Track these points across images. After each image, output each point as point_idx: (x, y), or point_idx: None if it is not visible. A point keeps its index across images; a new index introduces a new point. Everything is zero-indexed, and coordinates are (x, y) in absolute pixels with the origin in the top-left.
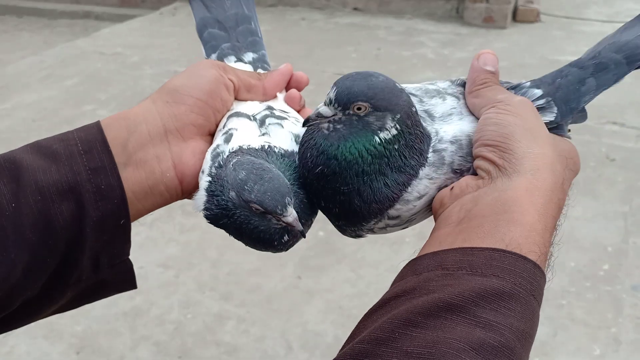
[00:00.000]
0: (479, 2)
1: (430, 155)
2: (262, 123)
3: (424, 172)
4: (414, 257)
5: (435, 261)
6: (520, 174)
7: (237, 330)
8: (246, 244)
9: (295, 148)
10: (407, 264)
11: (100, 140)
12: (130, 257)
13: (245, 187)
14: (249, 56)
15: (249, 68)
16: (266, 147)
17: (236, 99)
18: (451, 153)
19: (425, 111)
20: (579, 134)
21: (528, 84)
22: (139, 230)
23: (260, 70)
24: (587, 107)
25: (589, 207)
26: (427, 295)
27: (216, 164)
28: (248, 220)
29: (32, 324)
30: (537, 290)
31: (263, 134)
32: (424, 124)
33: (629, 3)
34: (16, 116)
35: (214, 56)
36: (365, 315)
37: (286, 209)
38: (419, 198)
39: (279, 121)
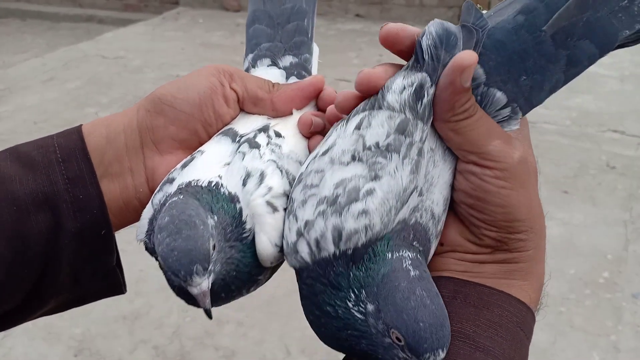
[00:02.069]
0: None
1: (435, 242)
2: (239, 147)
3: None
4: None
5: None
6: (523, 252)
7: (235, 334)
8: None
9: (241, 189)
10: None
11: (80, 148)
12: (130, 260)
13: (159, 236)
14: (287, 60)
15: (279, 75)
16: (213, 184)
17: (243, 110)
18: (445, 220)
19: (420, 194)
20: (580, 141)
21: (483, 74)
22: None
23: (292, 79)
24: (586, 115)
25: (589, 214)
26: None
27: (162, 196)
28: (163, 269)
29: (30, 325)
30: (524, 324)
31: (227, 164)
32: (418, 214)
33: None
34: (18, 118)
35: (250, 56)
36: None
37: (191, 278)
38: None
39: (249, 149)
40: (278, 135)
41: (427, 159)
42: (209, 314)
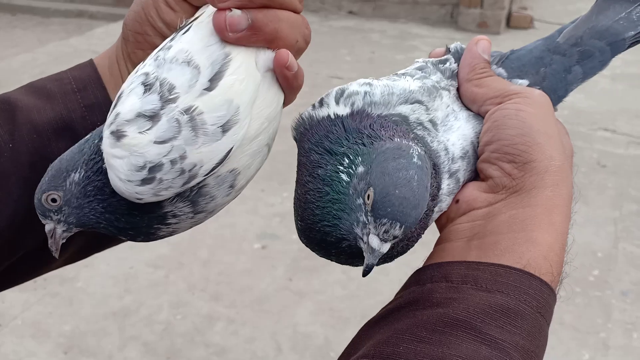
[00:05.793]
0: (473, 8)
1: (447, 182)
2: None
3: (442, 196)
4: (419, 267)
5: (440, 273)
6: (540, 190)
7: (226, 331)
8: None
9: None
10: (412, 275)
11: (95, 78)
12: (120, 257)
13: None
14: None
15: None
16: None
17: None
18: (464, 171)
19: (431, 120)
20: (571, 140)
21: (504, 72)
22: None
23: None
24: (578, 113)
25: (580, 212)
26: (431, 309)
27: None
28: None
29: (19, 323)
30: (545, 308)
31: None
32: (429, 138)
33: None
34: None
35: None
36: (367, 325)
37: (39, 215)
38: (432, 220)
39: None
40: (185, 32)
41: (444, 100)
42: (55, 254)
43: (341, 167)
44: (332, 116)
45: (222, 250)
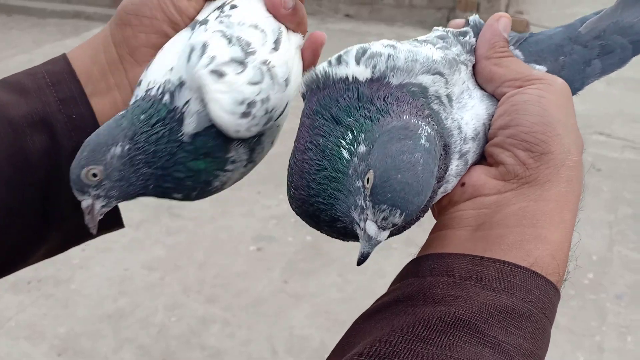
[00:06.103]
0: (470, 12)
1: (457, 163)
2: (192, 33)
3: (449, 177)
4: (416, 256)
5: (441, 265)
6: (554, 184)
7: (222, 333)
8: None
9: (185, 67)
10: (409, 263)
11: (68, 72)
12: (115, 258)
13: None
14: None
15: None
16: (159, 90)
17: None
18: (473, 153)
19: (447, 95)
20: None
21: (521, 55)
22: (124, 231)
23: None
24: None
25: None
26: (432, 306)
27: (133, 100)
28: None
29: (13, 325)
30: (549, 309)
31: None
32: (444, 115)
33: None
34: None
35: None
36: (361, 318)
37: (75, 192)
38: (434, 202)
39: (198, 28)
40: (233, 7)
41: (462, 75)
42: (92, 230)
43: (344, 142)
44: (350, 79)
45: (218, 253)
